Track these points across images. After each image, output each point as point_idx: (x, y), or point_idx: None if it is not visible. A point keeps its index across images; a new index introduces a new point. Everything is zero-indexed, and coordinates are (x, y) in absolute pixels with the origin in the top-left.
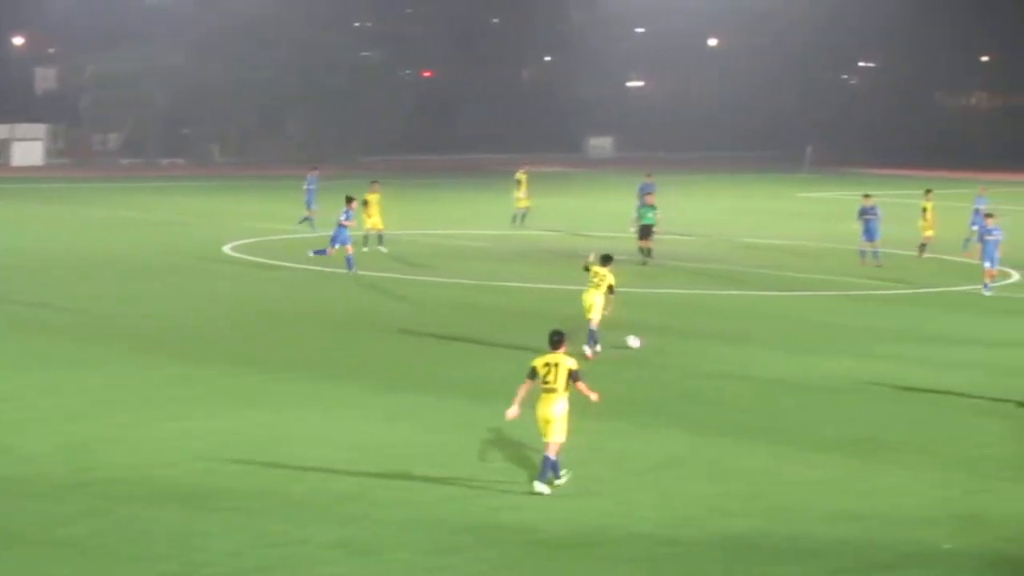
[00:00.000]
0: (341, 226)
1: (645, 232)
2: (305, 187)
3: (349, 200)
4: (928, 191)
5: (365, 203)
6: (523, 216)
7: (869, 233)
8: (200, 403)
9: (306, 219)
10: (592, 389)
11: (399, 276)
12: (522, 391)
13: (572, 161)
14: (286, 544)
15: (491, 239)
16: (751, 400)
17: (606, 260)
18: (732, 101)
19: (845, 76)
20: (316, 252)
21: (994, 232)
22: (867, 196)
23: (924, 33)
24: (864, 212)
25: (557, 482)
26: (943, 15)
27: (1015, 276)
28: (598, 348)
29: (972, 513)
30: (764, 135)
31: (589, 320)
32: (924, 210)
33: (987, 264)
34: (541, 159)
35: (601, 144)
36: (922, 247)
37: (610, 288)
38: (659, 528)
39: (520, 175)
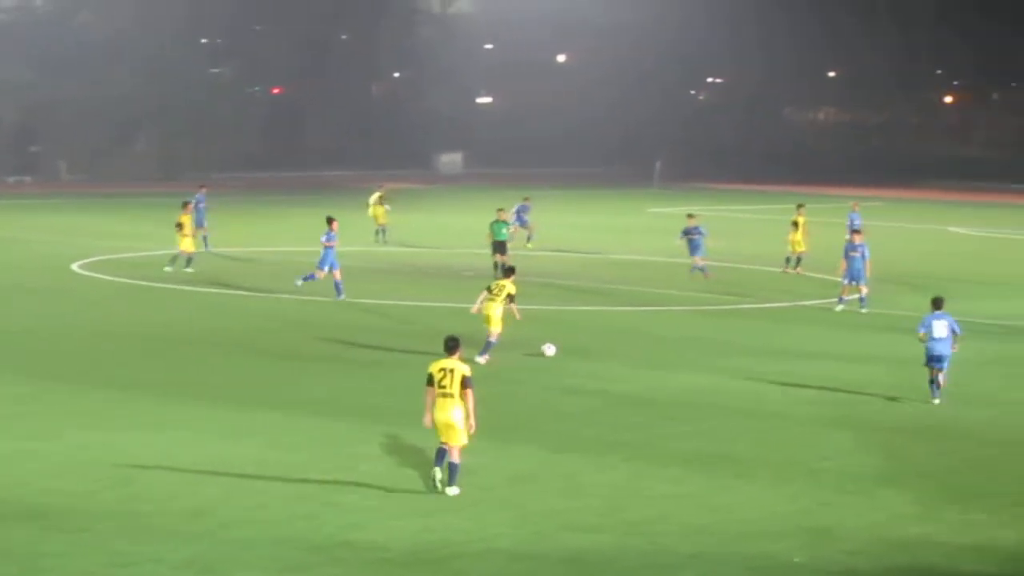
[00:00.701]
0: (326, 248)
1: (499, 248)
2: (194, 204)
3: (330, 221)
4: (800, 205)
5: (179, 225)
6: (384, 232)
7: (693, 250)
8: (47, 422)
9: (204, 237)
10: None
11: (247, 294)
12: (429, 398)
13: (423, 177)
14: (136, 564)
15: (343, 256)
16: (606, 415)
17: (509, 272)
18: (583, 116)
19: (694, 91)
20: (305, 278)
21: (859, 248)
22: (691, 216)
23: (772, 49)
24: (687, 232)
25: (449, 490)
26: (790, 31)
27: (865, 291)
28: (485, 358)
29: (820, 526)
30: (616, 151)
31: (488, 332)
32: (795, 224)
33: (846, 280)
34: (392, 175)
35: (451, 160)
36: (792, 261)
37: (510, 297)
38: (513, 544)
39: (378, 192)
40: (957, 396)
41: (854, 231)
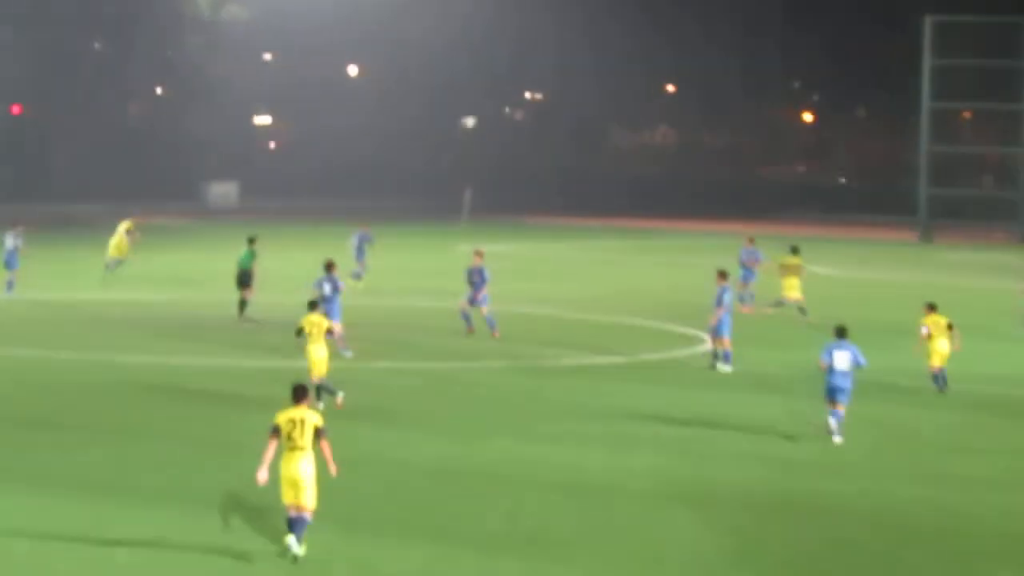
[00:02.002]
0: (332, 297)
1: (243, 280)
2: (7, 246)
3: (330, 266)
4: (795, 248)
5: None
6: (116, 264)
7: (474, 294)
8: None
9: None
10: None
11: None
12: (268, 452)
13: (189, 211)
14: None
15: (94, 304)
16: (405, 490)
17: (312, 306)
18: (380, 139)
19: (509, 109)
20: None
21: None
22: (477, 254)
23: (601, 59)
24: (472, 274)
25: (292, 545)
26: (622, 40)
27: (707, 344)
28: (339, 397)
29: None
30: (419, 179)
31: (312, 377)
32: (786, 267)
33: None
34: (152, 209)
35: (224, 191)
36: (781, 304)
37: (329, 331)
38: None
39: (127, 222)
40: (821, 465)
41: (720, 273)
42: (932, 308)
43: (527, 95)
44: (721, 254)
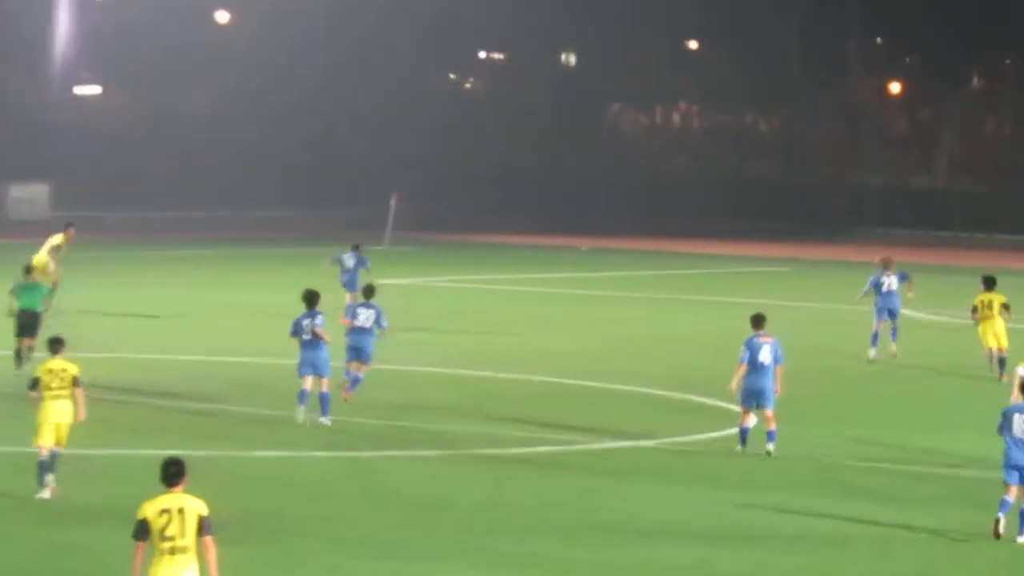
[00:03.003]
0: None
1: (25, 324)
2: None
3: (313, 299)
4: (990, 280)
5: None
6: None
7: (356, 351)
8: None
9: None
10: None
11: None
12: (138, 560)
13: None
14: None
15: None
16: None
17: (56, 345)
18: (265, 120)
19: (455, 76)
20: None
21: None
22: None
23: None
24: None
25: None
26: None
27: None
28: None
29: None
30: (327, 180)
31: (40, 446)
32: (981, 307)
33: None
34: None
35: (29, 196)
36: (997, 361)
37: (75, 380)
38: None
39: (58, 238)
40: None
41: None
42: (989, 284)
43: (481, 55)
44: (766, 288)
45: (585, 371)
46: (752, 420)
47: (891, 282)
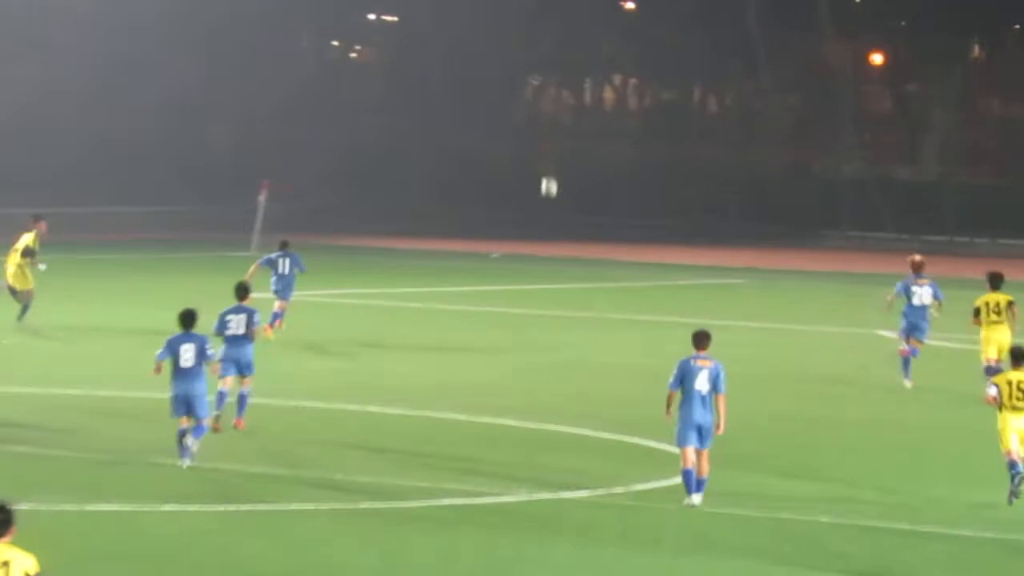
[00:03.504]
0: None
1: None
2: None
3: (243, 292)
4: (996, 277)
5: None
6: (24, 303)
7: (234, 364)
8: None
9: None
10: None
11: None
12: None
13: None
14: None
15: None
16: None
17: None
18: (122, 103)
19: (339, 43)
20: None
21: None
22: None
23: None
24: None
25: None
26: None
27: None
28: None
29: None
30: (189, 168)
31: None
32: (985, 310)
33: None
34: None
35: None
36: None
37: None
38: None
39: (29, 237)
40: None
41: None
42: (995, 281)
43: (370, 16)
44: (717, 304)
45: (497, 407)
46: (694, 460)
47: (923, 293)
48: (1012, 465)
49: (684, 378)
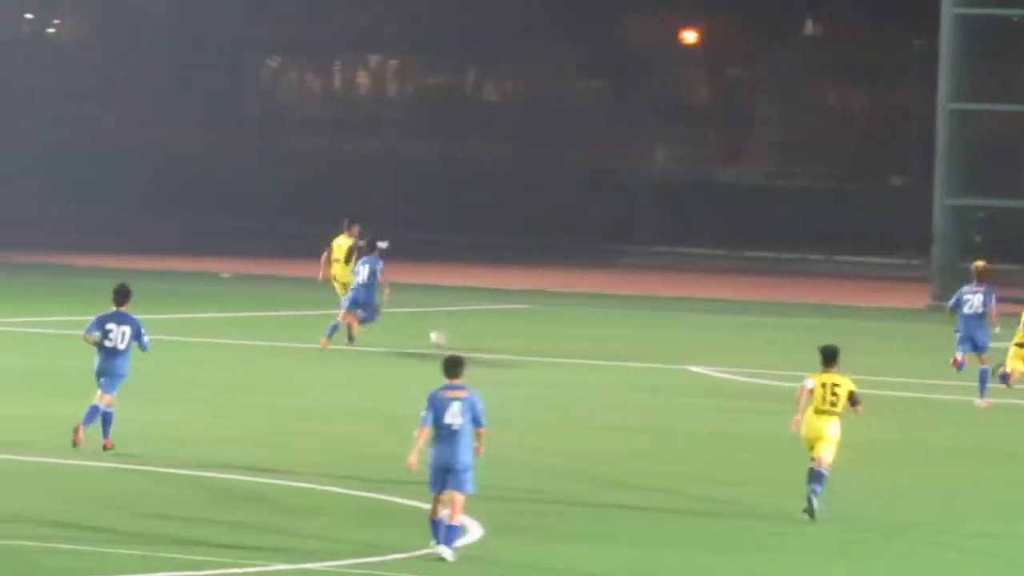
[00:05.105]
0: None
1: None
2: None
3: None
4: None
5: None
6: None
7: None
8: None
9: None
10: None
11: None
12: None
13: None
14: None
15: None
16: None
17: None
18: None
19: (32, 15)
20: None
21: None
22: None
23: None
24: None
25: None
26: None
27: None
28: None
29: None
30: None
31: None
32: None
33: None
34: None
35: None
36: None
37: None
38: None
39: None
40: None
41: None
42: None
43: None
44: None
45: (228, 459)
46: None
47: (975, 301)
48: (817, 479)
49: (434, 411)
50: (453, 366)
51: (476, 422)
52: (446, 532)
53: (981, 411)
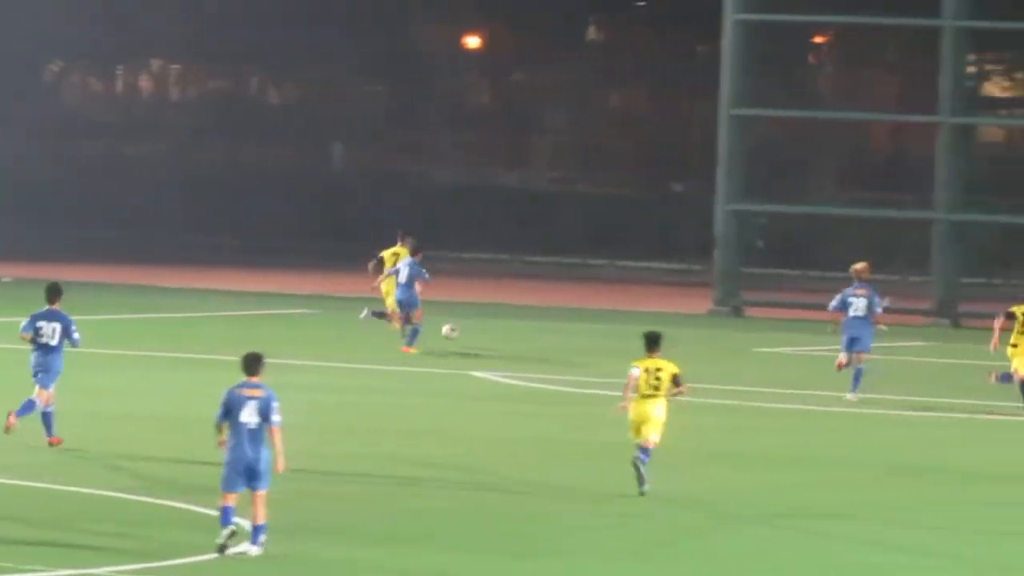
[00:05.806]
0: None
1: None
2: None
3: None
4: None
5: None
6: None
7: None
8: None
9: None
10: None
11: None
12: None
13: None
14: None
15: None
16: None
17: None
18: None
19: None
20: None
21: None
22: None
23: None
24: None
25: None
26: None
27: None
28: None
29: None
30: None
31: None
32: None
33: None
34: None
35: None
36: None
37: None
38: None
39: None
40: None
41: None
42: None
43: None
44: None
45: (9, 465)
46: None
47: (860, 304)
48: (643, 451)
49: (231, 410)
50: (252, 363)
51: (268, 420)
52: (253, 531)
53: (757, 415)
